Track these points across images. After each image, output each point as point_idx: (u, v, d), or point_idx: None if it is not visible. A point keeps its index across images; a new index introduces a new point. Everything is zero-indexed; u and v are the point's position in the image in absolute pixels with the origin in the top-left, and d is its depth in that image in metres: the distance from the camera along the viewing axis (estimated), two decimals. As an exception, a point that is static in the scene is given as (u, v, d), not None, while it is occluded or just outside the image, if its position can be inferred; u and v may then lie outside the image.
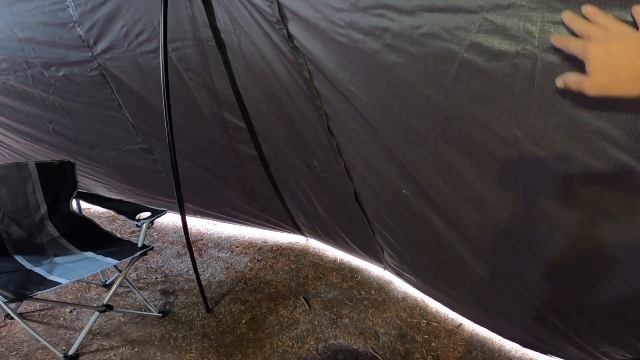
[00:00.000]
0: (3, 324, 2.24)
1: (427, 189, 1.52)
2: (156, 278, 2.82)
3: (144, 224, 2.18)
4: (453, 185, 1.40)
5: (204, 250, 3.18)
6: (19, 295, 1.72)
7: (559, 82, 0.76)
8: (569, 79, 0.74)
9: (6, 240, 2.16)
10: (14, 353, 2.05)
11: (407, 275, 2.53)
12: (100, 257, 2.17)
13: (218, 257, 3.10)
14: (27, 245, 2.20)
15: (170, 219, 3.61)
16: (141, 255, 2.14)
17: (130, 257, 2.10)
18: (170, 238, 3.34)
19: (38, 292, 1.78)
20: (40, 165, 2.25)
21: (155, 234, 2.86)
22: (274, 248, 3.26)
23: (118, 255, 2.14)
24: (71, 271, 2.03)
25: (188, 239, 2.25)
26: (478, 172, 1.28)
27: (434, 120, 1.23)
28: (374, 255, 2.71)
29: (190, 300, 2.59)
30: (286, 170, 2.45)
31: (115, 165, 2.91)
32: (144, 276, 2.75)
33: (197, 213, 3.27)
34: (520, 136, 1.07)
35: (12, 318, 2.22)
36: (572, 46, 0.74)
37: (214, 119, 2.24)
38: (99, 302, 2.46)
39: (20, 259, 2.10)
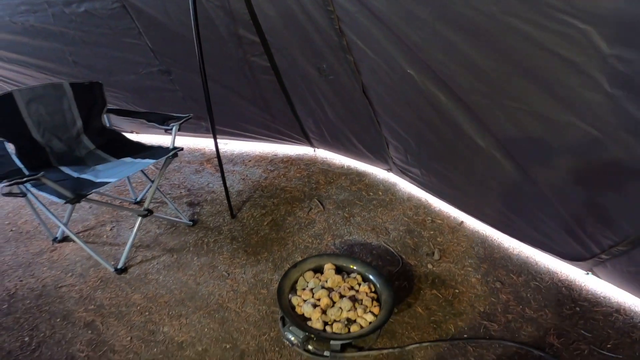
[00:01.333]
0: (53, 248, 2.36)
1: (430, 64, 1.67)
2: (181, 192, 2.94)
3: (174, 127, 2.25)
4: (450, 56, 1.56)
5: (220, 166, 3.28)
6: (77, 195, 1.80)
7: None
8: None
9: (49, 153, 2.23)
10: (70, 274, 2.18)
11: (411, 171, 2.64)
12: (138, 160, 2.25)
13: (233, 170, 3.20)
14: (69, 158, 2.27)
15: (184, 142, 3.68)
16: (173, 156, 2.22)
17: (165, 157, 2.18)
18: (187, 158, 3.41)
19: (93, 191, 1.90)
20: (73, 85, 2.29)
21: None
22: (284, 159, 3.36)
23: (154, 156, 2.23)
24: (116, 173, 2.11)
25: (218, 154, 2.43)
26: (469, 42, 1.44)
27: (431, 5, 1.42)
28: (379, 154, 2.82)
29: (215, 209, 2.73)
30: (297, 78, 2.53)
31: (134, 89, 2.97)
32: (169, 191, 2.86)
33: (210, 131, 3.30)
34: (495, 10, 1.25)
35: (60, 242, 2.36)
36: None
37: (230, 37, 2.34)
38: (133, 220, 2.58)
39: (65, 169, 2.17)
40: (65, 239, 2.40)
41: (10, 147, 2.00)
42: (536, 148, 1.60)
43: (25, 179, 1.65)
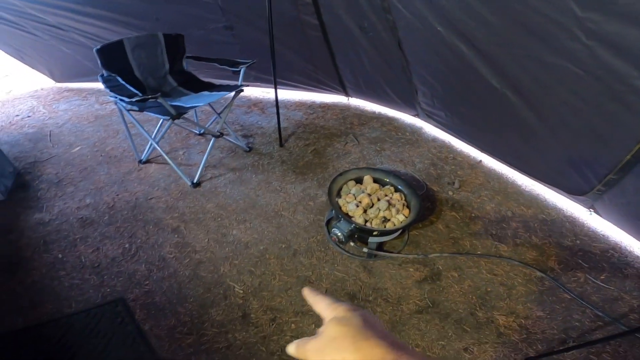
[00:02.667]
0: (139, 168, 2.73)
1: (455, 23, 2.00)
2: (235, 127, 3.29)
3: (242, 68, 2.58)
4: (470, 16, 1.88)
5: (266, 109, 3.60)
6: (178, 113, 2.20)
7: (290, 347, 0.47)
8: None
9: (146, 87, 2.63)
10: (156, 188, 2.53)
11: (436, 114, 2.91)
12: (214, 93, 2.60)
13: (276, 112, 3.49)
14: (159, 92, 2.58)
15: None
16: (240, 91, 2.56)
17: (235, 91, 2.54)
18: (237, 103, 3.66)
19: (188, 110, 2.33)
20: (165, 35, 2.66)
21: (222, 101, 3.24)
22: (321, 105, 3.64)
23: (226, 90, 2.59)
24: (200, 101, 2.47)
25: (276, 94, 2.74)
26: (483, 5, 1.78)
27: None
28: (408, 101, 3.08)
29: (265, 140, 3.09)
30: (341, 34, 2.79)
31: (201, 43, 3.23)
32: (226, 127, 3.19)
33: (258, 80, 3.59)
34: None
35: (144, 163, 2.76)
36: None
37: None
38: (199, 146, 2.97)
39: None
40: (149, 160, 2.79)
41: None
42: (539, 86, 1.88)
43: (150, 97, 2.03)
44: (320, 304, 0.46)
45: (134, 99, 2.05)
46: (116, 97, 2.25)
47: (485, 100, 2.30)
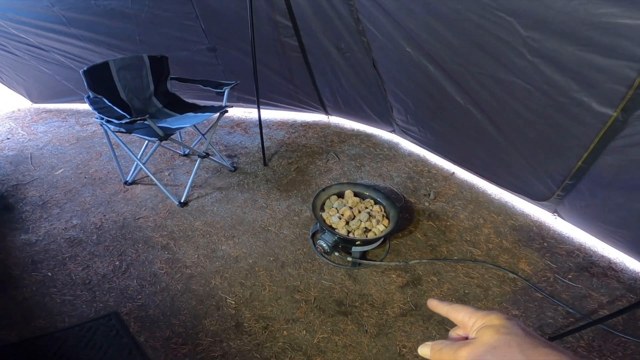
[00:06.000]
0: (125, 189, 2.78)
1: (421, 44, 2.17)
2: (219, 148, 3.39)
3: (226, 90, 2.67)
4: (434, 38, 2.07)
5: (248, 129, 3.72)
6: (166, 134, 2.27)
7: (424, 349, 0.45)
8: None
9: (131, 108, 2.69)
10: (143, 208, 2.59)
11: (411, 129, 3.09)
12: (199, 114, 2.69)
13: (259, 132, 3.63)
14: (144, 113, 2.68)
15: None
16: (223, 113, 2.66)
17: (220, 112, 2.64)
18: (220, 123, 3.71)
19: (175, 132, 2.42)
20: (150, 57, 2.72)
21: (206, 121, 3.33)
22: (303, 124, 3.79)
23: (211, 111, 2.68)
24: (186, 122, 2.55)
25: (260, 115, 2.85)
26: (445, 28, 1.97)
27: (421, 4, 1.96)
28: (385, 118, 3.27)
29: (250, 160, 3.19)
30: (319, 55, 2.97)
31: (184, 64, 3.36)
32: (211, 147, 3.27)
33: (240, 100, 3.73)
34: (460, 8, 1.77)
35: (130, 184, 2.81)
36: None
37: (269, 21, 2.78)
38: (184, 167, 3.06)
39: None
40: (134, 182, 2.85)
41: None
42: (496, 101, 2.08)
43: (138, 119, 2.10)
44: (460, 312, 0.46)
45: (122, 121, 2.12)
46: (103, 119, 2.30)
47: (453, 116, 2.49)
